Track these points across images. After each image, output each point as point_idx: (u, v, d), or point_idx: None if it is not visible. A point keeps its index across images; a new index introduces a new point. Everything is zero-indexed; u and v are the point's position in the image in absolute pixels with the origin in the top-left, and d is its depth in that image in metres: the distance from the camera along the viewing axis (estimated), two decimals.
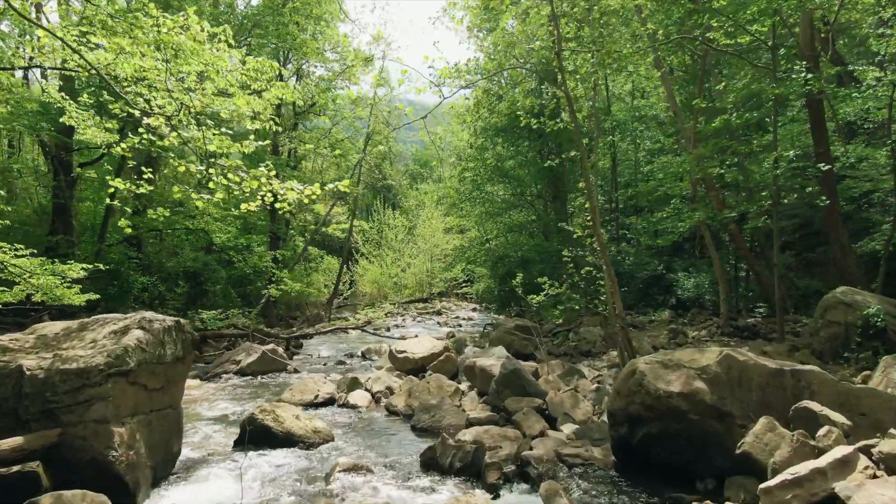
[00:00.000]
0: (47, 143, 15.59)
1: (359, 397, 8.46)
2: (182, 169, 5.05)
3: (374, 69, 27.94)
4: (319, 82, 22.12)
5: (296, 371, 11.30)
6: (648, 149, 20.88)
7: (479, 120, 18.33)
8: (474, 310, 29.53)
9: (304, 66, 25.30)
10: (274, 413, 6.45)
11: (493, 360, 8.49)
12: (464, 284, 33.80)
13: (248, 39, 17.74)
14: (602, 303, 8.48)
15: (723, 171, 10.01)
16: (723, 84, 10.43)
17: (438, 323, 23.36)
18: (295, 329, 19.27)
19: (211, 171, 4.99)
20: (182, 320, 5.77)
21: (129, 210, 10.43)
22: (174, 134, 4.98)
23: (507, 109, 16.79)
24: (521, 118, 9.62)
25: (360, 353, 15.04)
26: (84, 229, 17.15)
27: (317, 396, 8.38)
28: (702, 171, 9.88)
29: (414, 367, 10.06)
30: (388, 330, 20.89)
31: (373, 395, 8.72)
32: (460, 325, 22.42)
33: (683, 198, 14.23)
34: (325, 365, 13.62)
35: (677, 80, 15.18)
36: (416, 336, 18.97)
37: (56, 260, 8.36)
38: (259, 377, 10.65)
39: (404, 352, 10.31)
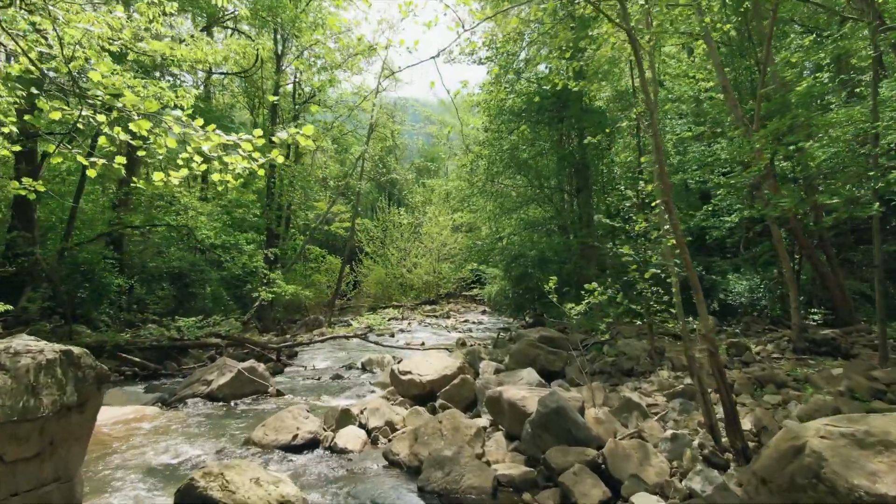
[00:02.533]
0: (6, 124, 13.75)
1: (350, 437, 6.53)
2: (56, 116, 3.19)
3: (378, 58, 26.22)
4: (313, 59, 20.21)
5: (279, 393, 9.38)
6: (678, 136, 18.88)
7: (492, 107, 16.43)
8: (484, 312, 27.69)
9: (304, 55, 23.47)
10: (223, 478, 4.52)
11: (525, 389, 6.55)
12: (472, 285, 32.00)
13: (235, 13, 15.83)
14: (671, 316, 6.50)
15: (817, 146, 7.98)
16: (809, 39, 8.42)
17: (446, 327, 21.50)
18: (289, 336, 17.39)
19: (99, 117, 3.12)
20: (77, 350, 3.86)
21: None
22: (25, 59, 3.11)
23: (526, 89, 14.89)
24: (554, 77, 7.63)
25: (359, 365, 13.23)
26: (51, 226, 15.32)
27: (295, 437, 6.45)
28: (781, 150, 7.89)
29: (421, 393, 8.11)
30: (393, 335, 19.08)
31: (368, 433, 6.79)
32: (470, 330, 20.59)
33: (732, 187, 12.25)
34: (318, 380, 11.78)
35: (722, 54, 13.19)
36: (423, 344, 17.11)
37: None
38: (232, 402, 8.73)
39: (409, 373, 8.35)
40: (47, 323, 12.45)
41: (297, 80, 26.19)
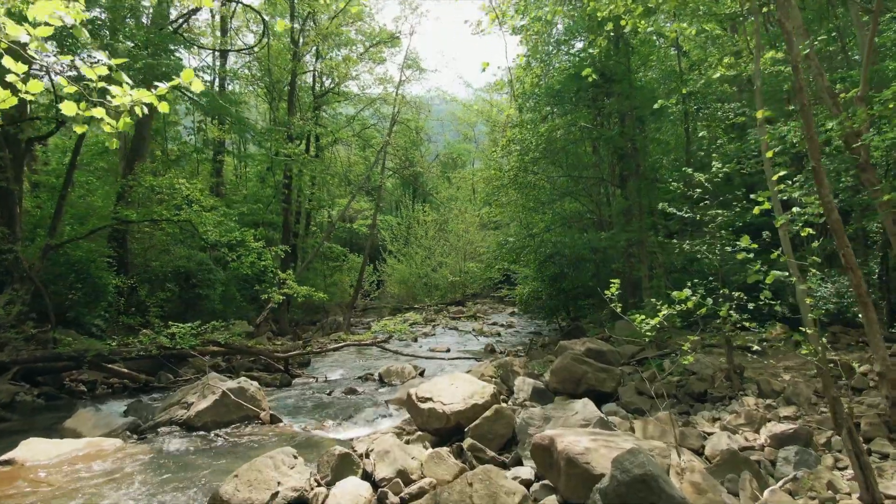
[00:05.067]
0: None
1: (349, 495, 4.83)
2: None
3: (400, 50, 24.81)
4: (326, 35, 18.73)
5: (273, 419, 7.75)
6: (730, 121, 16.82)
7: (526, 84, 14.68)
8: (513, 314, 25.97)
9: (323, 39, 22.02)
10: None
11: (585, 435, 4.78)
12: (500, 285, 30.28)
13: None
14: (804, 338, 4.64)
15: None
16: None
17: (473, 331, 19.87)
18: (301, 342, 15.89)
19: None
20: None
21: None
22: None
23: (564, 64, 13.09)
24: (627, 20, 5.85)
25: (377, 376, 11.77)
26: (40, 221, 14.04)
27: (275, 495, 4.80)
28: None
29: (444, 427, 6.38)
30: (416, 340, 17.55)
31: (374, 486, 5.11)
32: (499, 334, 19.02)
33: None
34: (329, 394, 10.29)
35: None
36: (448, 350, 15.49)
37: None
38: (213, 432, 7.13)
39: (429, 399, 6.64)
40: (26, 328, 11.12)
41: (315, 70, 24.84)
